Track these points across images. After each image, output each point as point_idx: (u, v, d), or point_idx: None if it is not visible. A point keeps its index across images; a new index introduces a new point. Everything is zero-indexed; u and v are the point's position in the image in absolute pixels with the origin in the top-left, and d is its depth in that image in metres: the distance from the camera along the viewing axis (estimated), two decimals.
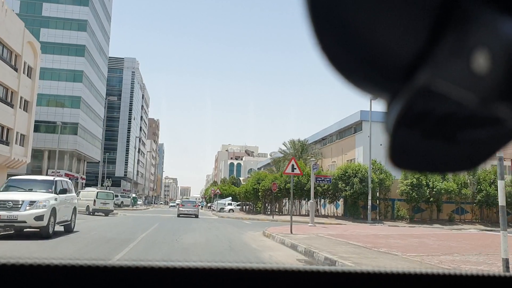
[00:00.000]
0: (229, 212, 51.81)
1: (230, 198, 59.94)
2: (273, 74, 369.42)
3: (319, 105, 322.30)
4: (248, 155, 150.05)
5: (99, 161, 73.79)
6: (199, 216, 34.92)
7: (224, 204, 54.83)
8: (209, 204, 77.76)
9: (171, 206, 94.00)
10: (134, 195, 67.08)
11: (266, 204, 39.75)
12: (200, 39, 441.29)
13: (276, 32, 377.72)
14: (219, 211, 50.30)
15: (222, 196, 67.71)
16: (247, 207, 49.86)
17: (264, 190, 37.19)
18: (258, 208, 40.92)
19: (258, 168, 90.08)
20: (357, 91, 0.44)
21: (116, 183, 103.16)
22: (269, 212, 38.85)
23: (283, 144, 53.81)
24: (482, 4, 0.37)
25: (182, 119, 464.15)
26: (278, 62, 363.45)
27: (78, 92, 56.65)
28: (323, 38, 0.41)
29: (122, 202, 57.84)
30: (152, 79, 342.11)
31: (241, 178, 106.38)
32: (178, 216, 34.03)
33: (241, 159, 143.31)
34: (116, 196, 60.52)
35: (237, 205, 53.17)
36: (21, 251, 10.00)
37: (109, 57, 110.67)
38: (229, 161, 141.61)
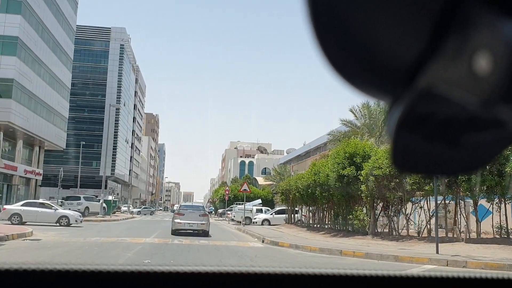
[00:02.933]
0: (262, 224, 30.18)
1: (260, 201, 38.45)
2: (278, 72, 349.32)
3: (324, 104, 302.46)
4: (261, 152, 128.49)
5: (63, 149, 52.63)
6: (210, 234, 18.89)
7: (250, 210, 32.95)
8: (220, 211, 56.18)
9: (145, 212, 62.38)
10: (111, 197, 45.50)
11: (379, 211, 17.33)
12: (201, 39, 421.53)
13: (279, 32, 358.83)
14: (246, 223, 28.44)
15: (246, 199, 46.34)
16: (294, 215, 28.09)
17: (379, 179, 15.06)
18: (356, 224, 17.53)
19: (282, 163, 68.34)
20: (358, 94, 0.43)
21: (101, 184, 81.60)
22: (385, 231, 16.59)
23: (351, 111, 32.12)
24: (484, 6, 0.37)
25: (183, 121, 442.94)
26: (282, 61, 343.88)
27: (13, 29, 35.27)
28: (324, 41, 0.40)
29: (86, 208, 36.27)
30: (151, 79, 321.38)
31: (257, 178, 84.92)
32: (174, 233, 18.50)
33: (253, 157, 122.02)
34: (77, 198, 39.11)
35: (275, 213, 31.42)
36: None
37: (91, 26, 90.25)
38: (240, 159, 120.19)
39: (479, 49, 0.37)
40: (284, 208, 31.37)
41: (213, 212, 65.94)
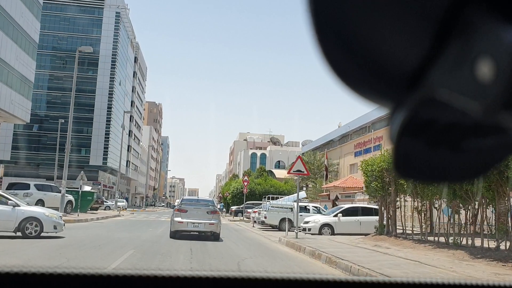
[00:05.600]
0: (321, 232, 17.43)
1: (304, 194, 25.82)
2: (281, 71, 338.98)
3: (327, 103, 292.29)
4: (274, 144, 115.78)
5: (27, 123, 40.15)
6: (221, 238, 14.54)
7: (291, 209, 20.06)
8: (234, 208, 43.51)
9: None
10: (89, 187, 33.09)
11: None
12: (201, 39, 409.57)
13: (278, 32, 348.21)
14: (295, 230, 15.69)
15: (264, 194, 33.35)
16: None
17: None
18: None
19: (311, 151, 55.50)
20: (360, 100, 0.43)
21: (92, 175, 69.13)
22: None
23: None
24: (486, 12, 0.37)
25: (184, 122, 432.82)
26: (287, 60, 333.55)
27: None
28: (325, 43, 0.40)
29: (39, 201, 23.74)
30: (152, 80, 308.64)
31: (274, 171, 72.33)
32: (174, 236, 14.17)
33: (265, 149, 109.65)
34: (25, 187, 26.61)
35: (343, 214, 18.46)
36: None
37: None
38: (250, 151, 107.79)
39: (481, 56, 0.37)
40: (358, 205, 18.70)
41: (224, 210, 53.35)
